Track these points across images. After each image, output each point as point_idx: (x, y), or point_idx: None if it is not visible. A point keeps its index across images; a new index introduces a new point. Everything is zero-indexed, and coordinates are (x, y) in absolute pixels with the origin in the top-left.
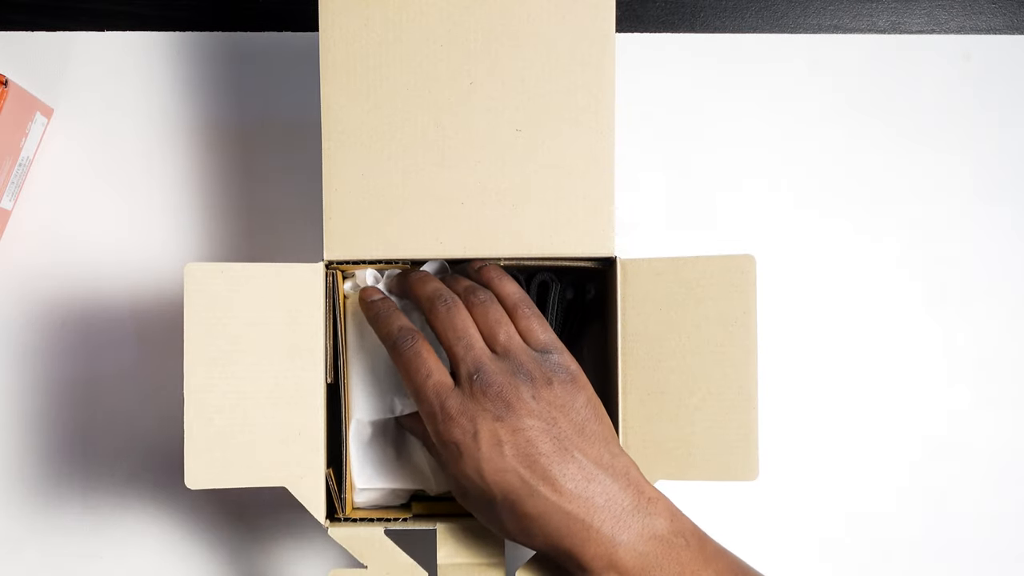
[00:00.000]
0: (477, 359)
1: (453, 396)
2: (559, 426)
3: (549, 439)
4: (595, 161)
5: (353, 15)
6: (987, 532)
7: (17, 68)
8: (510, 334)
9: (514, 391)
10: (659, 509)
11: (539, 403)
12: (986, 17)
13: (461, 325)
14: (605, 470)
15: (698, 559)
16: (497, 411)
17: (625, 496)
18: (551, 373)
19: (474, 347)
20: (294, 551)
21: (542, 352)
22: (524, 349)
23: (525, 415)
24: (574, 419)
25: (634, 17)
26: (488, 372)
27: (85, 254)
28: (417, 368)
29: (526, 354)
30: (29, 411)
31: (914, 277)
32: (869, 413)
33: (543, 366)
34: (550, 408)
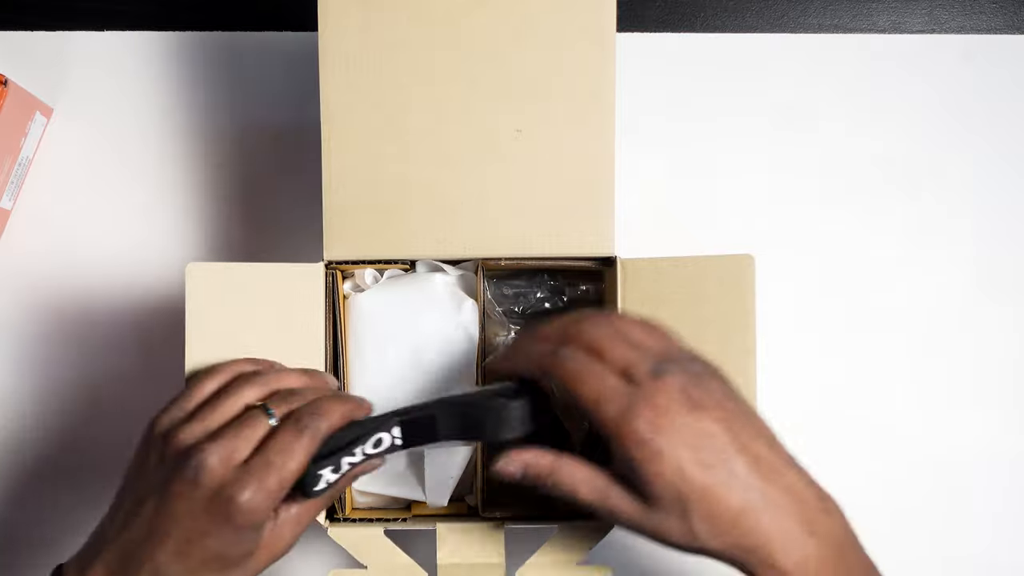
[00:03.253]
0: (654, 357)
1: (639, 396)
2: (740, 419)
3: (743, 431)
4: (595, 161)
5: (353, 15)
6: (987, 532)
7: (17, 68)
8: (657, 339)
9: (697, 385)
10: (834, 507)
11: (718, 397)
12: (986, 17)
13: (612, 336)
14: (789, 463)
15: (865, 562)
16: (689, 405)
17: (810, 492)
18: (712, 369)
19: (641, 348)
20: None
21: (683, 350)
22: (678, 349)
23: (714, 408)
24: (747, 411)
25: (634, 17)
26: (669, 370)
27: (85, 253)
28: (591, 372)
29: (682, 353)
30: (29, 411)
31: (914, 276)
32: (869, 412)
33: (702, 363)
34: (726, 400)
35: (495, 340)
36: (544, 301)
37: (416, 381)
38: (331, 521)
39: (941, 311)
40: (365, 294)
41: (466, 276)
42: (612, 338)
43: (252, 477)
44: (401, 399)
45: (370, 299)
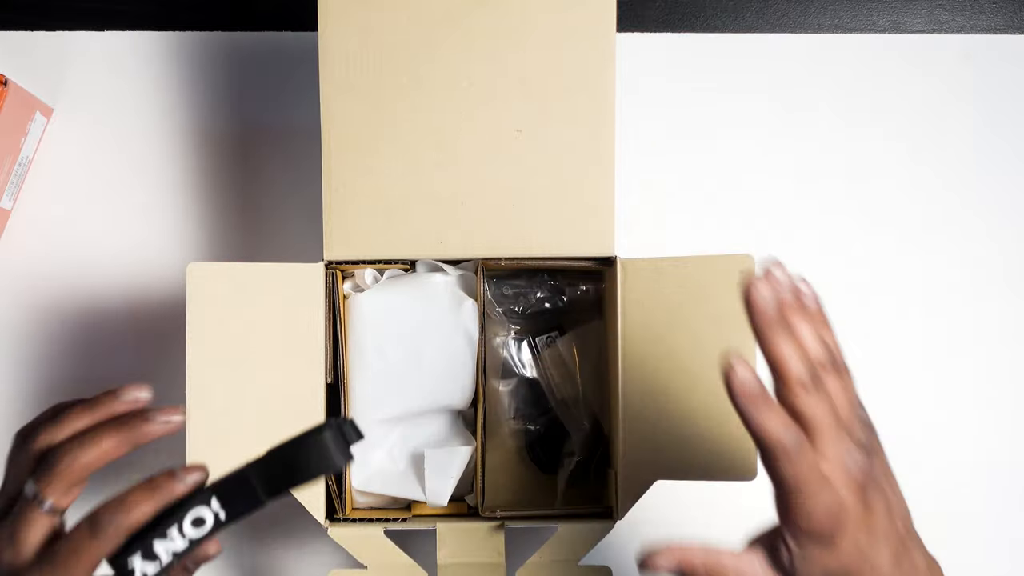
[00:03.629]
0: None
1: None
2: (899, 498)
3: (905, 514)
4: (595, 161)
5: (353, 15)
6: (988, 531)
7: (17, 68)
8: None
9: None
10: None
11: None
12: (986, 17)
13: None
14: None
15: None
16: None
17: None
18: (876, 436)
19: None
20: (294, 551)
21: (857, 407)
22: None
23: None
24: (895, 485)
25: (634, 17)
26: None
27: (85, 253)
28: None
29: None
30: (28, 411)
31: (914, 275)
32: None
33: (869, 430)
34: (889, 478)
35: (495, 340)
36: (544, 301)
37: (416, 381)
38: (331, 521)
39: (941, 311)
40: (365, 294)
41: (466, 276)
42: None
43: (29, 565)
44: (401, 399)
45: (370, 299)
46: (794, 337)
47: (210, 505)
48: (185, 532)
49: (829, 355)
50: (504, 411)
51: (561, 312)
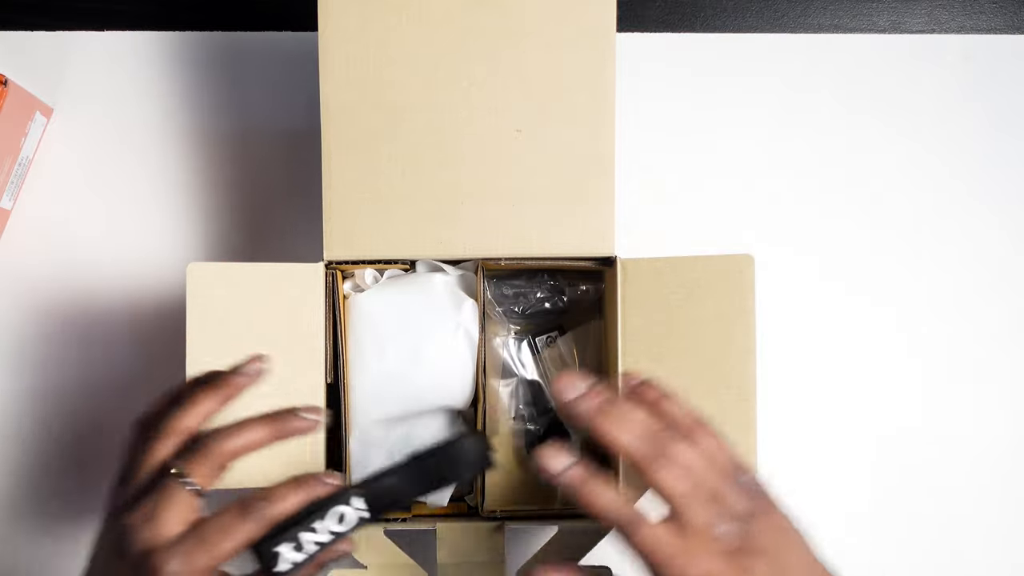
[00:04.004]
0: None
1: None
2: (798, 556)
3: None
4: (595, 161)
5: (353, 15)
6: (988, 531)
7: (17, 68)
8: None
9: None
10: None
11: (764, 536)
12: (986, 17)
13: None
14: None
15: None
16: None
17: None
18: (764, 497)
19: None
20: None
21: (738, 474)
22: (732, 484)
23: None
24: (795, 542)
25: (634, 17)
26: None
27: (85, 253)
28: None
29: (735, 489)
30: (28, 411)
31: (914, 276)
32: (868, 412)
33: (751, 494)
34: (786, 536)
35: (495, 340)
36: (544, 301)
37: (416, 381)
38: None
39: (941, 310)
40: (365, 294)
41: (466, 276)
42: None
43: (181, 549)
44: (401, 399)
45: (370, 299)
46: (624, 420)
47: (351, 504)
48: (329, 527)
49: (674, 429)
50: (504, 411)
51: (561, 312)
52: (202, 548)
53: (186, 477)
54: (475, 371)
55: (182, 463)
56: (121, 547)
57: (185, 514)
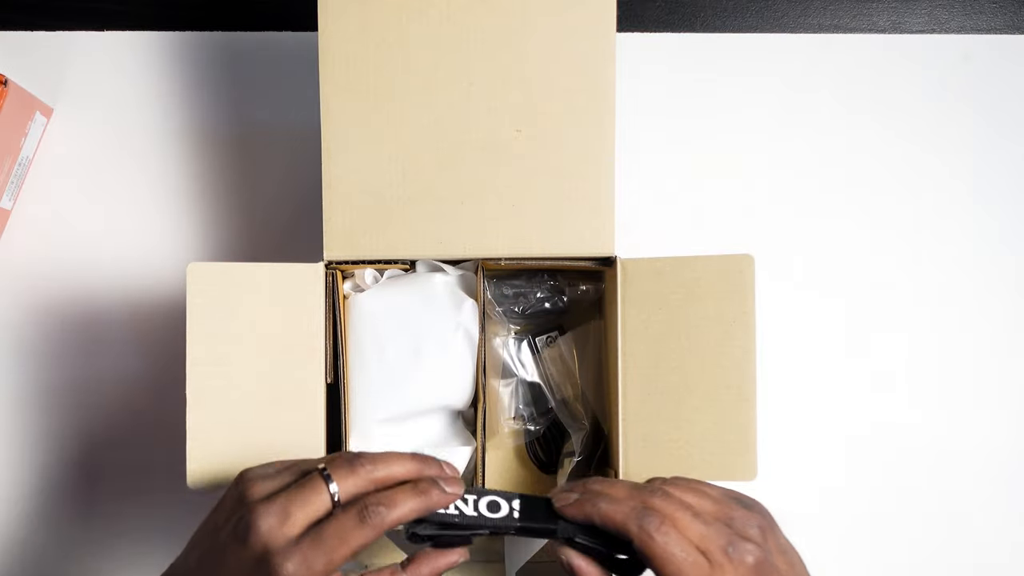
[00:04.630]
0: (721, 531)
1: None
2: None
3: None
4: (595, 161)
5: (353, 15)
6: (989, 532)
7: (17, 68)
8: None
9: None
10: None
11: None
12: (986, 17)
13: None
14: None
15: None
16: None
17: None
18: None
19: (715, 521)
20: None
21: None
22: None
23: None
24: (794, 560)
25: (634, 17)
26: (742, 549)
27: (85, 253)
28: (677, 549)
29: (745, 522)
30: (28, 411)
31: (913, 275)
32: (868, 413)
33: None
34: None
35: (495, 340)
36: (544, 301)
37: (416, 381)
38: None
39: (941, 310)
40: (365, 294)
41: (466, 276)
42: (687, 509)
43: (300, 552)
44: (401, 399)
45: (370, 299)
46: (607, 496)
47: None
48: (480, 509)
49: (649, 492)
50: (504, 411)
51: (561, 312)
52: (319, 552)
53: (332, 480)
54: (475, 371)
55: (332, 467)
56: (244, 532)
57: (311, 517)
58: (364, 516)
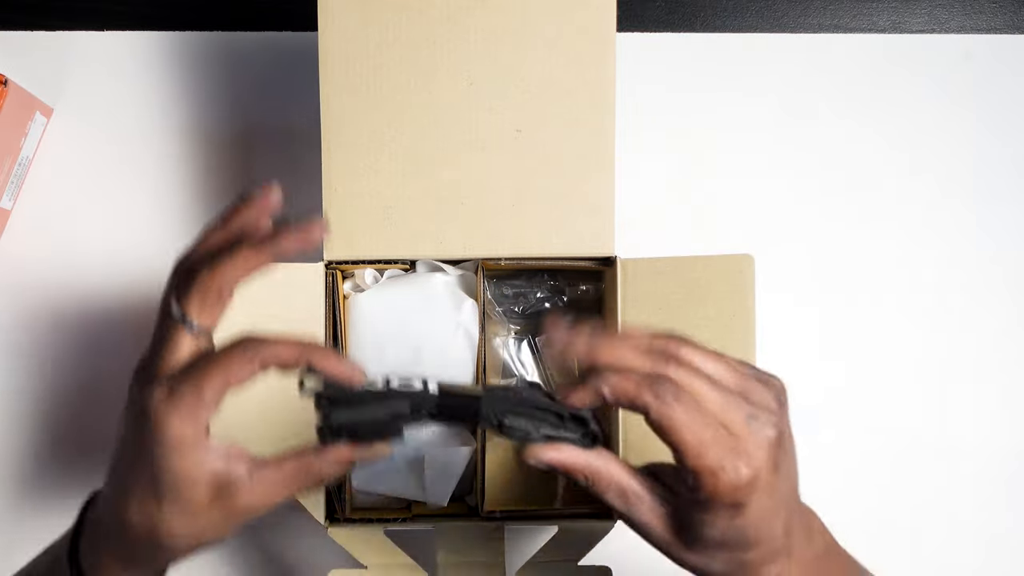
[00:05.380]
0: (747, 404)
1: (737, 450)
2: (794, 477)
3: (795, 493)
4: (595, 161)
5: (352, 15)
6: (990, 534)
7: (17, 68)
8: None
9: (779, 444)
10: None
11: (789, 456)
12: (986, 17)
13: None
14: (812, 516)
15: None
16: (773, 465)
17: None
18: (777, 390)
19: (733, 392)
20: (294, 551)
21: (755, 374)
22: (760, 389)
23: (786, 473)
24: (794, 464)
25: (634, 17)
26: (761, 421)
27: (85, 253)
28: (694, 419)
29: (763, 395)
30: (28, 411)
31: (913, 276)
32: (868, 413)
33: (773, 391)
34: (790, 459)
35: (495, 340)
36: (544, 301)
37: None
38: (331, 521)
39: (941, 310)
40: (365, 294)
41: (466, 276)
42: (705, 378)
43: (168, 380)
44: None
45: (370, 299)
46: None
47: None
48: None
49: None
50: None
51: (561, 312)
52: (191, 379)
53: (185, 317)
54: (475, 371)
55: (178, 303)
56: (129, 395)
57: (184, 356)
58: (239, 345)
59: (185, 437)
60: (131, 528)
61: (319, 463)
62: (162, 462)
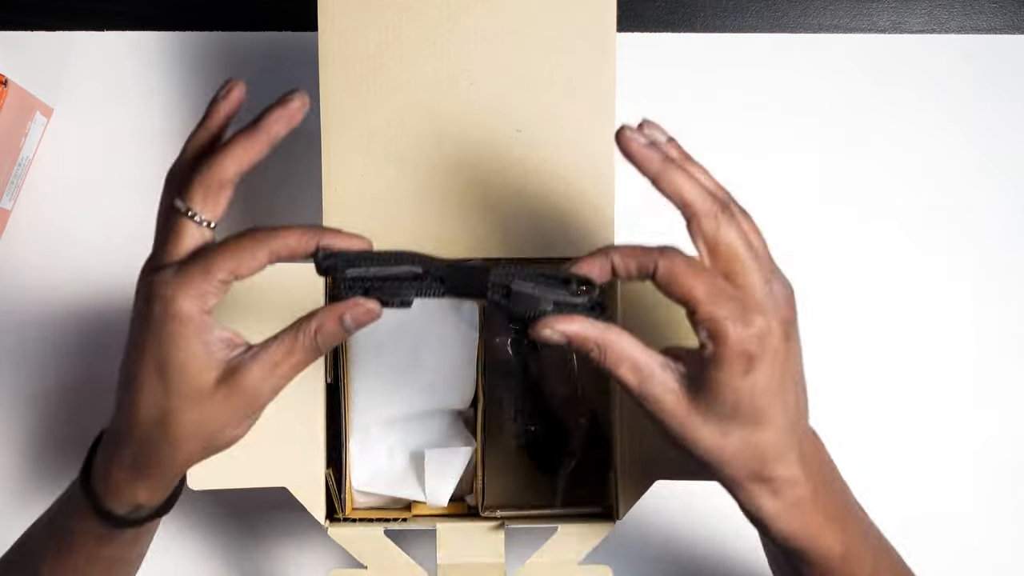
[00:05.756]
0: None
1: (752, 307)
2: (799, 352)
3: (799, 367)
4: (595, 161)
5: (352, 15)
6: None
7: (17, 68)
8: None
9: (791, 307)
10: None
11: (796, 326)
12: (986, 17)
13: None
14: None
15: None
16: (784, 331)
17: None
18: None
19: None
20: (294, 551)
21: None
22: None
23: (794, 339)
24: (799, 343)
25: (634, 17)
26: (777, 283)
27: (85, 254)
28: (703, 269)
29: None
30: (28, 412)
31: (914, 276)
32: (868, 414)
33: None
34: (796, 330)
35: (495, 340)
36: None
37: (416, 381)
38: (331, 521)
39: (941, 311)
40: None
41: None
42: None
43: (176, 265)
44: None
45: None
46: (691, 177)
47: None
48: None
49: (728, 197)
50: (504, 411)
51: None
52: (200, 263)
53: (189, 209)
54: (475, 371)
55: (182, 199)
56: (139, 290)
57: (192, 245)
58: (249, 232)
59: (192, 317)
60: (140, 424)
61: (314, 324)
62: (169, 344)
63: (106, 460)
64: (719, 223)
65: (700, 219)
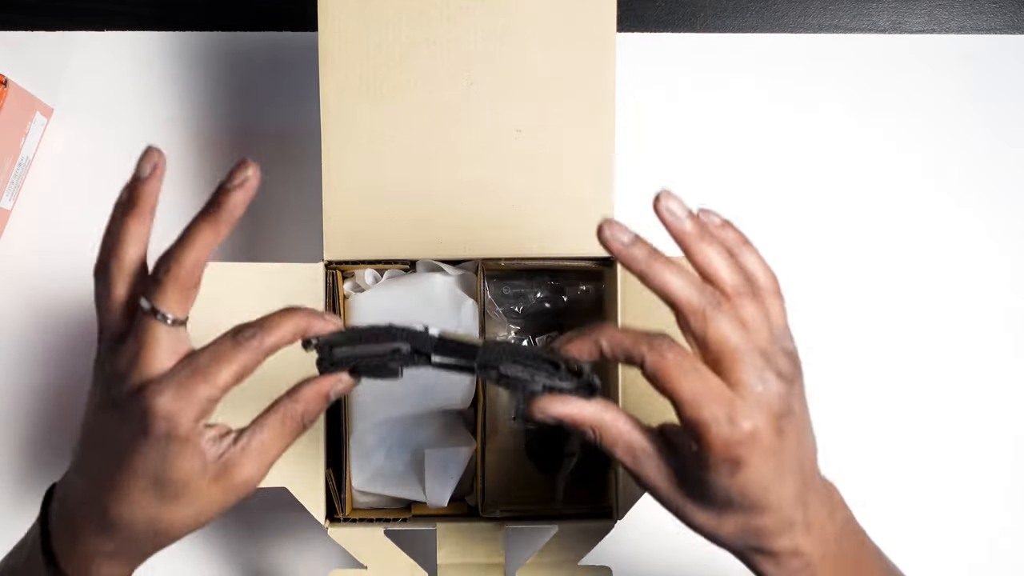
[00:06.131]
0: (758, 356)
1: (738, 407)
2: (805, 438)
3: (806, 453)
4: (595, 161)
5: (352, 15)
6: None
7: (17, 68)
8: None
9: (785, 402)
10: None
11: (796, 416)
12: (986, 17)
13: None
14: (822, 482)
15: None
16: (777, 428)
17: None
18: (798, 366)
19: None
20: (294, 551)
21: (784, 337)
22: (778, 346)
23: (791, 431)
24: (807, 426)
25: (634, 17)
26: (768, 380)
27: (85, 254)
28: (692, 369)
29: (775, 348)
30: (28, 412)
31: (913, 277)
32: (869, 411)
33: (791, 358)
34: (799, 420)
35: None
36: (544, 301)
37: (415, 381)
38: (331, 521)
39: (940, 311)
40: (365, 294)
41: (466, 276)
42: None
43: (174, 382)
44: (401, 399)
45: (370, 299)
46: (680, 271)
47: (428, 331)
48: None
49: (743, 279)
50: (504, 411)
51: (561, 312)
52: (198, 377)
53: (159, 311)
54: None
55: (149, 299)
56: (112, 397)
57: (172, 347)
58: (240, 340)
59: (192, 435)
60: (125, 526)
61: (300, 408)
62: (168, 464)
63: (72, 542)
64: (707, 321)
65: (687, 317)
